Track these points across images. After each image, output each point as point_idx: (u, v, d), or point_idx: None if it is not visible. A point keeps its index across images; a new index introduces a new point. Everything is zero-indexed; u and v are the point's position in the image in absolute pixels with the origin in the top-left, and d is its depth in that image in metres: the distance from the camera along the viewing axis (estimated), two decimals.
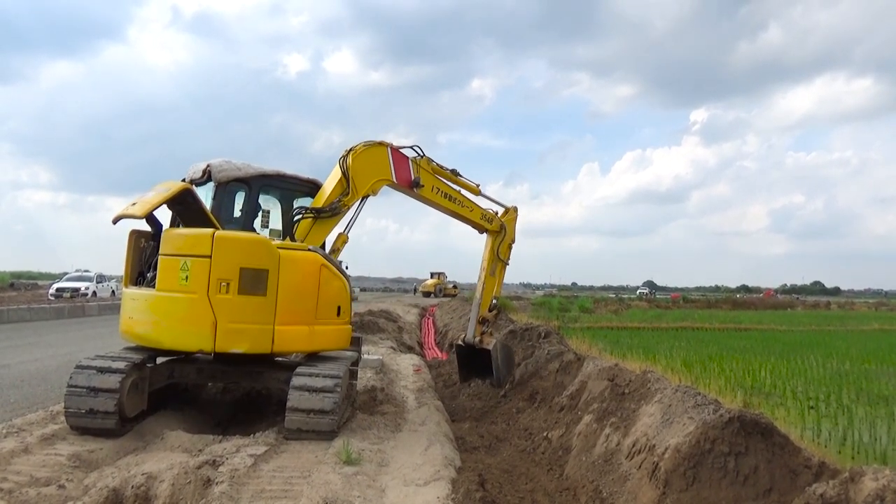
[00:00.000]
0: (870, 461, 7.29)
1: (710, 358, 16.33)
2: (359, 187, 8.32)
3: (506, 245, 10.93)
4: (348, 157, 8.28)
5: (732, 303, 66.71)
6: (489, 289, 11.05)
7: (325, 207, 8.03)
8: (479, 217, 10.28)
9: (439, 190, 9.46)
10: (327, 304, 7.39)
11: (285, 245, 7.31)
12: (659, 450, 5.46)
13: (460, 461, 6.59)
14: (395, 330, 21.21)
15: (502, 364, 10.84)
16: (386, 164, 8.71)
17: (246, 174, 7.75)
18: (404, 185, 8.91)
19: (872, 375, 14.60)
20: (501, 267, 11.10)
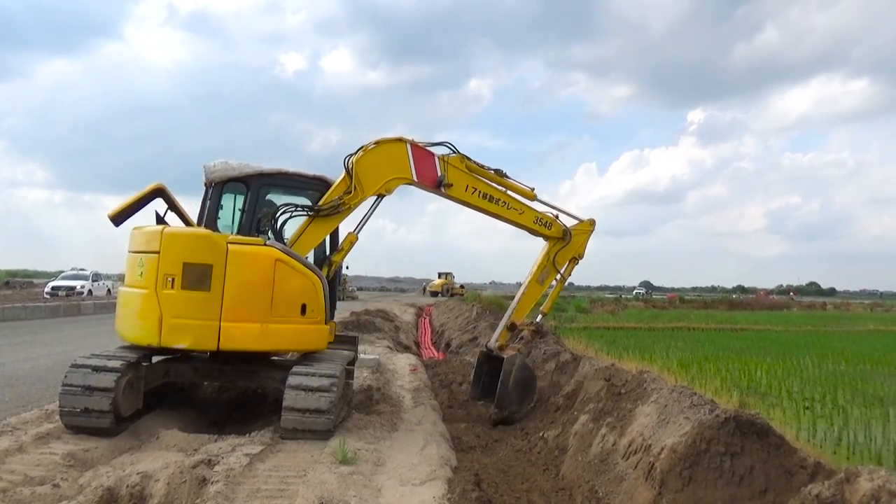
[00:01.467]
0: (865, 462, 7.30)
1: (706, 358, 16.37)
2: (366, 186, 7.89)
3: (567, 255, 9.61)
4: (355, 155, 7.87)
5: (729, 303, 66.78)
6: (530, 295, 9.64)
7: (321, 206, 7.70)
8: (531, 221, 9.21)
9: (476, 190, 8.59)
10: (286, 302, 7.00)
11: (237, 240, 7.09)
12: (655, 450, 5.46)
13: (456, 461, 6.59)
14: (392, 329, 21.20)
15: (513, 385, 8.99)
16: (404, 162, 8.11)
17: (241, 173, 7.66)
18: (428, 184, 8.26)
19: (868, 376, 14.64)
20: (553, 278, 9.65)
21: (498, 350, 9.45)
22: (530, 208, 9.14)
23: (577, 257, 9.71)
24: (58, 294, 33.71)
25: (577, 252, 9.72)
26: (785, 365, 16.03)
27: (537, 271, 9.48)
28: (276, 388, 7.33)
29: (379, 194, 8.05)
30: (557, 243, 9.47)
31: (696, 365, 14.65)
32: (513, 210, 8.96)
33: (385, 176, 7.99)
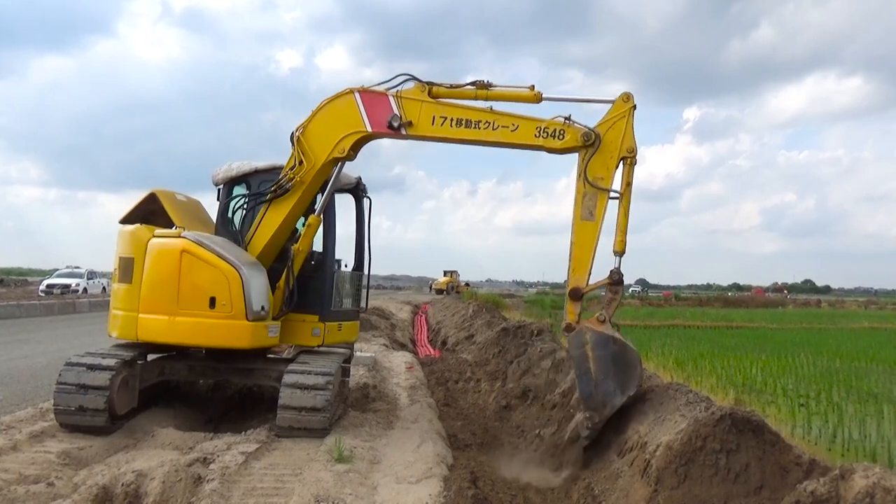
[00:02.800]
0: (860, 458, 7.33)
1: (701, 356, 16.40)
2: (317, 153, 7.11)
3: (605, 161, 6.60)
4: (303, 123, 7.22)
5: (724, 301, 67.02)
6: (582, 241, 6.57)
7: (269, 189, 7.32)
8: (531, 136, 6.79)
9: (447, 119, 6.90)
10: (192, 295, 6.79)
11: (160, 233, 7.11)
12: (651, 447, 5.47)
13: (452, 459, 6.59)
14: (388, 327, 21.20)
15: (599, 371, 6.38)
16: (354, 114, 7.05)
17: (239, 172, 7.66)
18: (385, 131, 7.02)
19: (862, 373, 14.70)
20: (603, 201, 6.58)
21: (568, 330, 6.73)
22: (528, 119, 6.81)
23: (627, 155, 6.58)
24: (52, 292, 33.58)
25: (622, 149, 6.57)
26: (780, 362, 16.08)
27: (578, 205, 6.59)
28: (272, 386, 7.30)
29: (335, 159, 7.16)
30: (584, 153, 6.62)
31: (691, 362, 14.68)
32: (502, 129, 6.80)
33: (335, 136, 7.09)
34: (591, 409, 6.33)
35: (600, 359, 6.37)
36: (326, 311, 7.71)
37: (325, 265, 7.78)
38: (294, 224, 7.65)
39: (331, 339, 7.82)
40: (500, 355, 12.94)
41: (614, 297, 6.64)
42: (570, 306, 6.64)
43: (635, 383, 6.39)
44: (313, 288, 7.65)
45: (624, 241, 6.50)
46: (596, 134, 6.55)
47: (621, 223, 6.55)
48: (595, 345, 6.40)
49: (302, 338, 7.73)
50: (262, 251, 7.40)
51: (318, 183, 7.33)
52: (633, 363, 6.44)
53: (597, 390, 6.33)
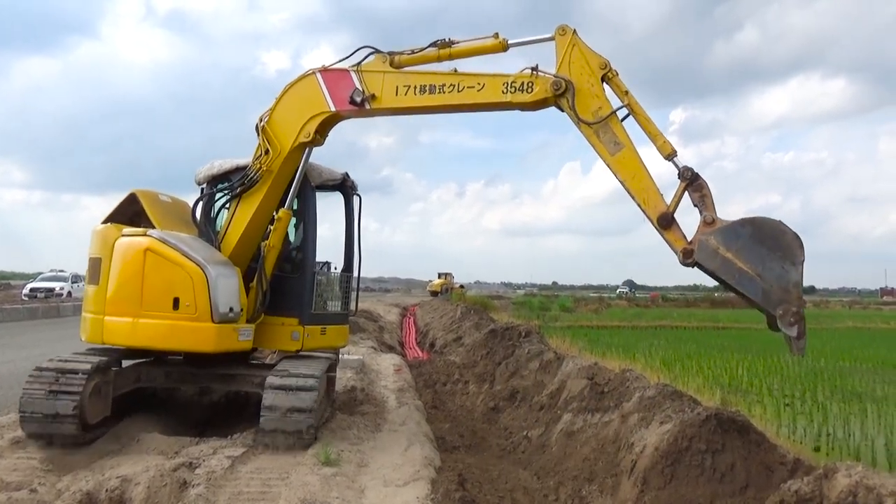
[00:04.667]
0: (844, 457, 7.41)
1: (688, 356, 16.53)
2: (283, 139, 6.90)
3: (588, 93, 6.13)
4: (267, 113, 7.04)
5: (711, 301, 67.43)
6: (632, 174, 5.91)
7: (233, 181, 7.09)
8: (499, 94, 6.40)
9: (410, 88, 6.61)
10: (156, 295, 6.52)
11: (128, 232, 6.86)
12: (637, 448, 5.50)
13: (440, 461, 6.58)
14: (376, 330, 21.16)
15: (751, 260, 5.37)
16: (317, 95, 6.88)
17: (221, 170, 7.38)
18: (349, 109, 6.79)
19: (846, 373, 14.87)
20: (617, 125, 6.02)
21: (687, 259, 5.64)
22: (494, 76, 6.43)
23: (604, 72, 6.12)
24: (36, 296, 33.19)
25: (594, 71, 6.14)
26: (766, 362, 16.23)
27: (599, 149, 6.02)
28: (255, 391, 6.96)
29: (302, 145, 6.93)
30: (564, 103, 6.18)
31: (678, 363, 14.79)
32: (468, 90, 6.47)
33: (300, 120, 6.89)
34: (777, 304, 5.25)
35: (743, 250, 5.40)
36: (307, 313, 7.35)
37: (304, 264, 7.45)
38: (266, 218, 7.23)
39: (312, 344, 7.46)
40: (488, 357, 12.94)
41: (703, 192, 5.68)
42: (669, 236, 5.76)
43: (797, 245, 5.29)
44: (292, 289, 7.33)
45: (667, 142, 5.78)
46: (566, 81, 6.12)
47: (651, 129, 5.92)
48: (726, 242, 5.44)
49: (280, 342, 7.41)
50: (236, 249, 7.10)
51: (286, 172, 7.04)
52: (779, 230, 5.38)
53: (767, 282, 5.31)
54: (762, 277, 5.31)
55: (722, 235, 5.45)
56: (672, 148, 5.78)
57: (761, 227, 5.39)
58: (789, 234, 5.32)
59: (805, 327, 5.23)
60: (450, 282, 70.04)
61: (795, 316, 5.21)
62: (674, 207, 5.75)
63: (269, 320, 7.20)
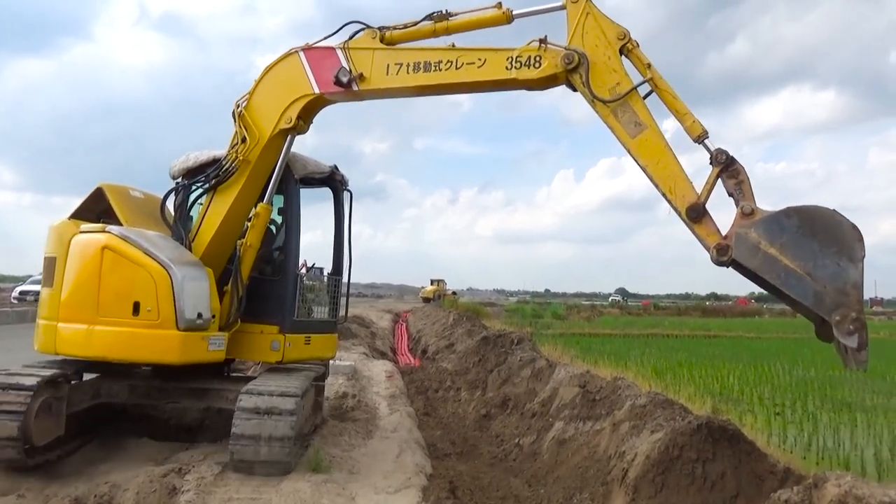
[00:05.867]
0: (833, 467, 7.43)
1: (679, 365, 16.54)
2: (262, 126, 6.31)
3: (604, 67, 5.34)
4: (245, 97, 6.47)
5: (702, 310, 67.86)
6: (655, 159, 5.12)
7: (208, 173, 6.46)
8: (502, 69, 5.67)
9: (402, 66, 5.99)
10: (114, 299, 5.80)
11: (86, 228, 6.19)
12: (628, 456, 5.51)
13: (431, 468, 6.57)
14: (368, 336, 21.11)
15: (799, 257, 4.57)
16: (300, 76, 6.28)
17: (197, 163, 6.72)
18: (335, 90, 6.18)
19: (836, 382, 14.92)
20: (638, 103, 5.23)
21: (721, 256, 4.80)
22: (496, 51, 5.74)
23: (622, 42, 5.36)
24: (26, 299, 32.87)
25: (612, 42, 5.36)
26: (757, 371, 16.27)
27: (618, 131, 5.25)
28: (230, 409, 6.01)
29: (283, 132, 6.33)
30: (576, 80, 5.40)
31: (670, 372, 14.80)
32: (467, 67, 5.80)
33: (281, 105, 6.30)
34: (832, 308, 4.41)
35: (790, 244, 4.57)
36: (288, 320, 6.62)
37: (286, 265, 6.78)
38: (244, 214, 6.58)
39: (294, 355, 6.75)
40: (480, 364, 12.95)
41: (740, 178, 4.89)
42: (700, 230, 4.93)
43: (855, 238, 4.45)
44: (272, 293, 6.65)
45: (697, 121, 5.04)
46: (579, 54, 5.31)
47: (678, 107, 5.16)
48: (770, 235, 4.61)
49: (258, 352, 6.71)
50: (209, 249, 6.44)
51: (266, 162, 6.42)
52: (834, 220, 4.52)
53: (820, 283, 4.46)
54: (813, 277, 4.48)
55: (764, 228, 4.63)
56: (703, 128, 5.02)
57: (811, 218, 4.56)
58: (846, 225, 4.48)
59: (867, 336, 4.37)
60: (442, 288, 70.04)
61: (855, 323, 4.34)
62: (705, 197, 4.95)
63: (245, 328, 6.50)
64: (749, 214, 4.74)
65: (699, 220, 4.95)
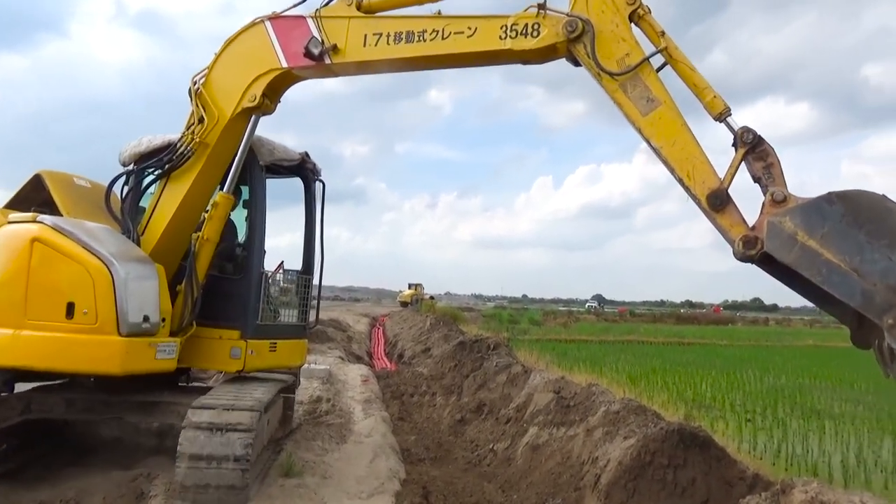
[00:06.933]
0: (802, 473, 7.56)
1: (654, 371, 16.73)
2: (222, 104, 5.69)
3: (612, 36, 4.73)
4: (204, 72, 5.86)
5: (677, 317, 68.66)
6: (671, 139, 4.54)
7: (161, 157, 5.81)
8: (495, 37, 5.04)
9: (381, 36, 5.35)
10: (44, 299, 5.07)
11: (15, 217, 5.50)
12: (601, 462, 5.55)
13: (405, 473, 6.55)
14: (345, 339, 21.00)
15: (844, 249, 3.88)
16: (266, 49, 5.64)
17: (150, 147, 6.03)
18: (306, 64, 5.54)
19: (806, 390, 15.19)
20: (650, 76, 4.63)
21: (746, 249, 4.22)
22: (488, 18, 5.13)
23: (633, 7, 4.72)
24: None
25: (621, 7, 4.74)
26: (729, 378, 16.51)
27: (627, 109, 4.65)
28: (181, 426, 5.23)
29: (246, 111, 5.71)
30: (580, 51, 4.79)
31: (644, 378, 14.94)
32: (455, 37, 5.14)
33: (244, 80, 5.66)
34: (883, 309, 3.73)
35: (833, 235, 3.91)
36: (251, 324, 5.98)
37: (249, 263, 6.15)
38: (201, 204, 5.92)
39: (258, 364, 6.11)
40: (456, 369, 12.94)
41: (770, 160, 4.31)
42: (723, 220, 4.34)
43: None
44: (233, 294, 6.03)
45: (718, 96, 4.47)
46: (583, 21, 4.70)
47: (696, 81, 4.54)
48: (808, 225, 3.96)
49: (216, 360, 6.02)
50: (161, 243, 5.76)
51: (227, 146, 5.78)
52: (884, 207, 3.87)
53: (868, 280, 3.80)
54: (861, 273, 3.82)
55: (802, 216, 3.98)
56: (725, 104, 4.45)
57: (857, 204, 3.89)
58: (892, 210, 3.83)
59: None
60: (420, 293, 69.97)
61: None
62: (728, 182, 4.37)
63: (202, 333, 5.85)
64: (781, 202, 4.11)
65: (722, 208, 4.35)
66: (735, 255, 4.23)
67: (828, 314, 4.33)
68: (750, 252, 4.15)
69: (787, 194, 4.11)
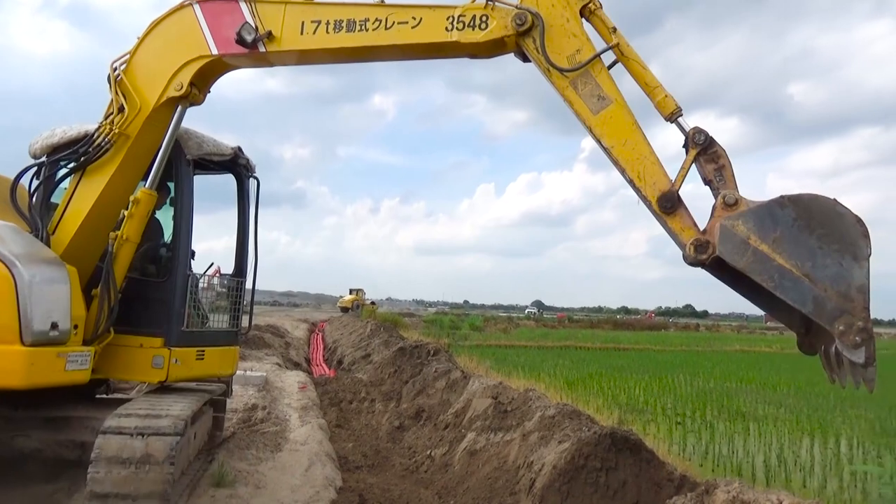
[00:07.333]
0: (727, 473, 7.88)
1: (590, 376, 17.11)
2: (145, 93, 5.31)
3: (561, 30, 4.56)
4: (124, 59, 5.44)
5: (613, 323, 70.38)
6: (621, 138, 4.40)
7: (76, 149, 5.41)
8: (441, 28, 4.81)
9: (320, 23, 5.04)
10: None
11: None
12: (536, 466, 5.62)
13: (341, 481, 6.47)
14: (282, 345, 20.61)
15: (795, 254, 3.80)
16: (195, 33, 5.28)
17: (65, 139, 5.66)
18: (236, 52, 5.20)
19: (733, 393, 15.83)
20: (602, 73, 4.47)
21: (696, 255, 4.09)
22: (433, 8, 4.93)
23: (588, 7, 4.56)
24: None
25: (569, 7, 4.58)
26: (661, 382, 17.04)
27: (578, 106, 4.50)
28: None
29: (172, 101, 5.32)
30: (528, 45, 4.62)
31: (581, 383, 15.27)
32: (399, 27, 4.90)
33: (169, 68, 5.29)
34: (835, 316, 3.68)
35: (785, 240, 3.85)
36: (175, 331, 5.60)
37: (174, 265, 5.75)
38: (120, 201, 5.41)
39: (183, 373, 5.70)
40: (395, 375, 12.89)
41: (721, 163, 4.22)
42: (674, 223, 4.22)
43: (860, 234, 3.71)
44: (156, 298, 5.64)
45: (669, 96, 4.33)
46: (532, 14, 4.54)
47: (647, 80, 4.39)
48: (761, 229, 3.89)
49: (137, 370, 5.60)
50: (74, 243, 5.32)
51: (150, 138, 5.39)
52: (835, 212, 3.78)
53: (820, 285, 3.74)
54: (812, 279, 3.76)
55: (755, 220, 3.91)
56: (676, 104, 4.32)
57: (809, 209, 3.84)
58: (849, 218, 3.75)
59: (874, 349, 3.67)
60: (361, 298, 69.43)
61: (862, 333, 3.62)
62: (679, 184, 4.26)
63: (121, 341, 5.43)
64: (733, 205, 4.03)
65: (673, 211, 4.23)
66: (685, 259, 4.12)
67: (776, 320, 4.28)
68: (701, 256, 4.04)
69: (738, 197, 4.03)
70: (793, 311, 3.83)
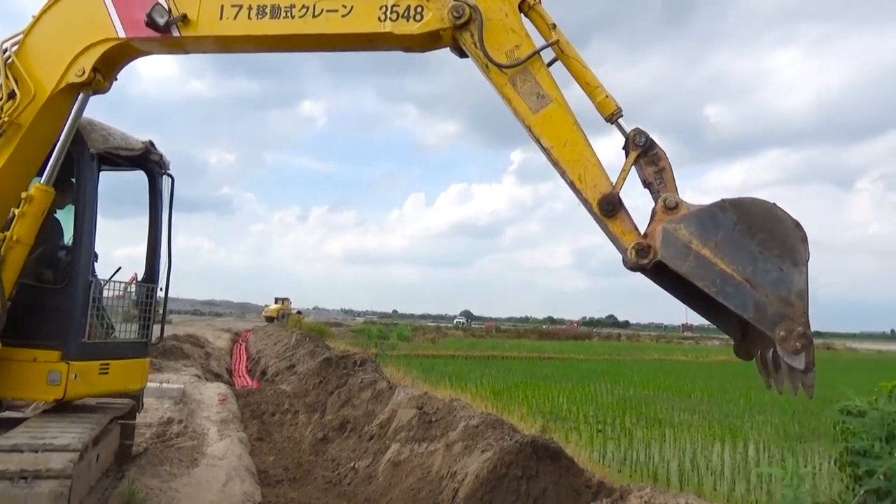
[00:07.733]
0: (644, 479, 8.14)
1: (516, 385, 17.35)
2: (41, 78, 4.77)
3: (500, 25, 4.38)
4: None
5: (539, 333, 71.82)
6: (561, 139, 4.25)
7: None
8: (374, 18, 4.50)
9: (242, 8, 4.59)
10: None
11: None
12: (459, 476, 5.65)
13: (261, 496, 6.30)
14: (202, 356, 19.92)
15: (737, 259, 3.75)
16: (99, 14, 4.72)
17: None
18: (147, 36, 4.65)
19: (651, 400, 16.41)
20: (541, 71, 4.32)
21: (637, 260, 3.94)
22: None
23: (527, 2, 4.40)
24: None
25: (508, 1, 4.42)
26: (583, 391, 17.46)
27: (516, 104, 4.31)
28: None
29: (72, 87, 4.79)
30: (465, 39, 4.42)
31: (506, 392, 15.45)
32: (328, 16, 4.54)
33: (69, 51, 4.74)
34: (775, 321, 3.65)
35: (725, 245, 3.80)
36: (75, 343, 5.11)
37: (74, 270, 5.26)
38: (12, 198, 4.85)
39: (83, 390, 5.21)
40: (320, 386, 12.68)
41: (661, 165, 4.11)
42: (615, 227, 4.08)
43: (799, 238, 3.72)
44: (53, 306, 5.15)
45: (609, 96, 4.21)
46: (470, 7, 4.32)
47: (587, 79, 4.27)
48: (702, 233, 3.81)
49: (29, 387, 5.03)
50: None
51: (46, 129, 4.87)
52: (774, 216, 3.78)
53: (761, 290, 3.72)
54: (753, 284, 3.73)
55: (696, 224, 3.84)
56: (617, 105, 4.20)
57: (749, 213, 3.81)
58: (788, 223, 3.76)
59: (814, 355, 3.63)
60: (287, 307, 67.97)
61: (802, 339, 3.61)
62: (620, 186, 4.13)
63: (11, 355, 4.86)
64: (674, 208, 3.93)
65: (614, 214, 4.09)
66: (626, 263, 3.96)
67: (713, 324, 4.20)
68: (643, 261, 3.89)
69: (679, 200, 3.93)
70: (730, 317, 3.79)
